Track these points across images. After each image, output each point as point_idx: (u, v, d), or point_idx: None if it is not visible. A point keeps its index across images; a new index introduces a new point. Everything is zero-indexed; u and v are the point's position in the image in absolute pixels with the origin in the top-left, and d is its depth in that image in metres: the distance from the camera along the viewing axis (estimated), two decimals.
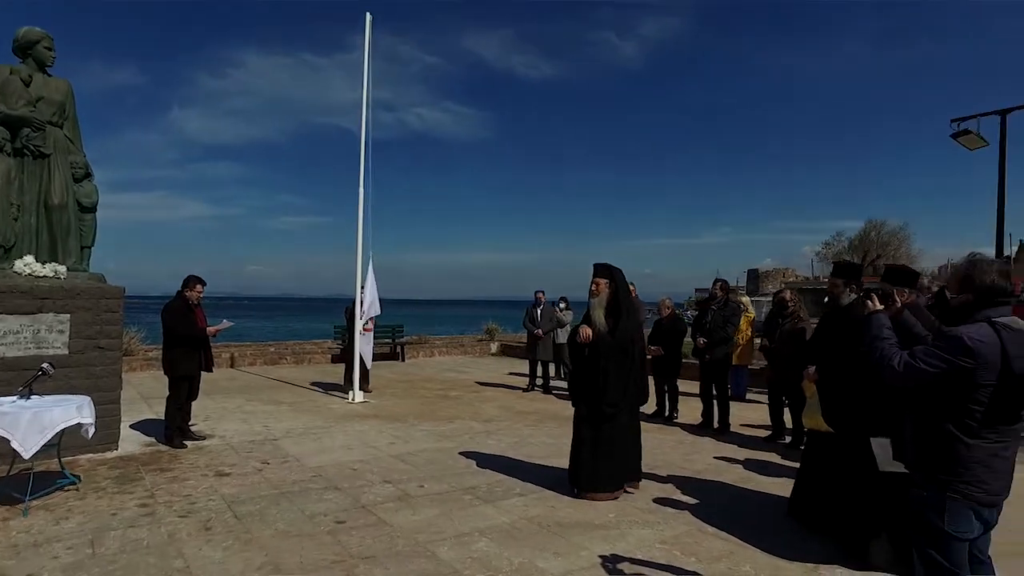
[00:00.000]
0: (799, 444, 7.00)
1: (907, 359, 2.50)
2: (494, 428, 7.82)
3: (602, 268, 5.26)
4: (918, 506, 2.58)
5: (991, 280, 2.49)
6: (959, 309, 2.57)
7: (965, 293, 2.55)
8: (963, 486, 2.45)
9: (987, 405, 2.40)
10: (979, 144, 9.48)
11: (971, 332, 2.41)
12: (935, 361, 2.43)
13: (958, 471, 2.45)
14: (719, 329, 7.95)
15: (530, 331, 11.15)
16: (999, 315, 2.47)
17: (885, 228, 43.71)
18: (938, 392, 2.47)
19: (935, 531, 2.50)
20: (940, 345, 2.45)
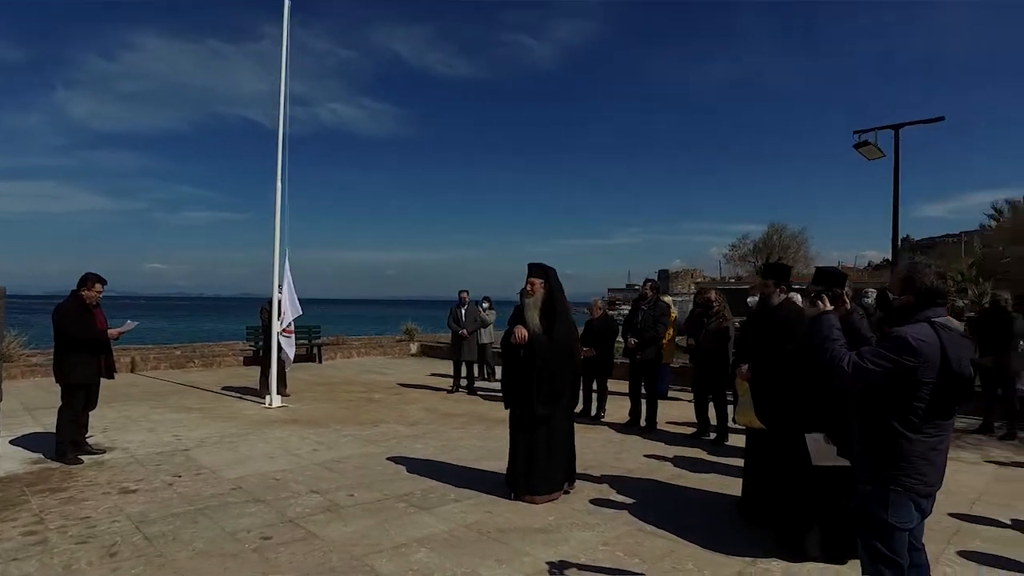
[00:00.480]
0: (723, 441, 7.23)
1: (855, 360, 2.55)
2: (421, 432, 7.60)
3: (537, 268, 5.18)
4: (862, 500, 2.65)
5: (931, 282, 2.60)
6: (901, 310, 2.66)
7: (907, 295, 2.64)
8: (905, 479, 2.53)
9: (928, 402, 2.49)
10: (877, 155, 10.21)
11: (914, 332, 2.50)
12: (882, 361, 2.49)
13: (900, 465, 2.53)
14: (650, 329, 8.08)
15: (454, 331, 10.99)
16: (937, 316, 2.58)
17: (786, 231, 46.37)
18: (883, 390, 2.55)
19: (879, 523, 2.57)
20: (886, 345, 2.52)
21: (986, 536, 4.42)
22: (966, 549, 4.17)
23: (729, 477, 5.73)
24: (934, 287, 2.59)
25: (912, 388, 2.49)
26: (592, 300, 9.72)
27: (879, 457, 2.58)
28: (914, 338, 2.47)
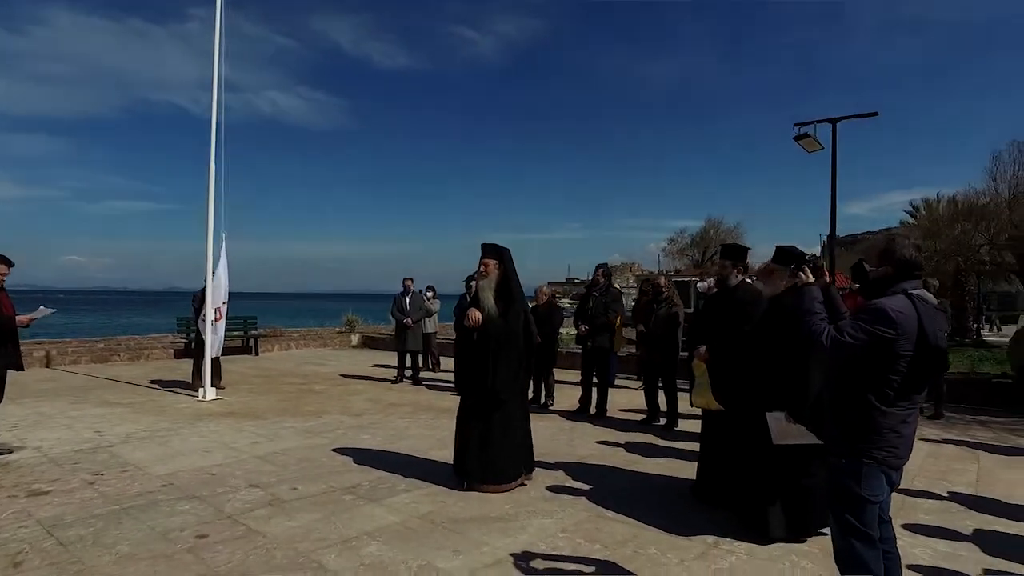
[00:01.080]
0: (674, 426, 7.26)
1: (834, 334, 2.49)
2: (367, 422, 7.31)
3: (491, 248, 4.99)
4: (835, 473, 2.60)
5: (909, 254, 2.56)
6: (878, 281, 2.61)
7: (885, 266, 2.60)
8: (878, 452, 2.49)
9: (904, 375, 2.45)
10: (815, 147, 10.51)
11: (892, 304, 2.45)
12: (860, 334, 2.44)
13: (873, 438, 2.49)
14: (601, 315, 8.01)
15: (398, 320, 10.69)
16: (913, 288, 2.54)
17: (723, 226, 47.66)
18: (860, 363, 2.50)
19: (852, 496, 2.53)
20: (864, 317, 2.46)
21: (928, 508, 4.55)
22: (910, 522, 4.26)
23: (683, 461, 5.73)
24: (912, 259, 2.55)
25: (889, 361, 2.44)
26: (538, 287, 9.61)
27: (853, 430, 2.53)
28: (892, 310, 2.42)
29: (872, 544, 2.53)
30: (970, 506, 4.65)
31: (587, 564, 3.50)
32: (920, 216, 31.17)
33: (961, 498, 4.84)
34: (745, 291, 4.62)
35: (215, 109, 8.68)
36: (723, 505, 4.37)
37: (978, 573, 3.53)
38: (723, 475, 4.46)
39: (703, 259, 45.90)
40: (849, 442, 2.54)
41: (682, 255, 48.70)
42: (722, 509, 4.35)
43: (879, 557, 2.54)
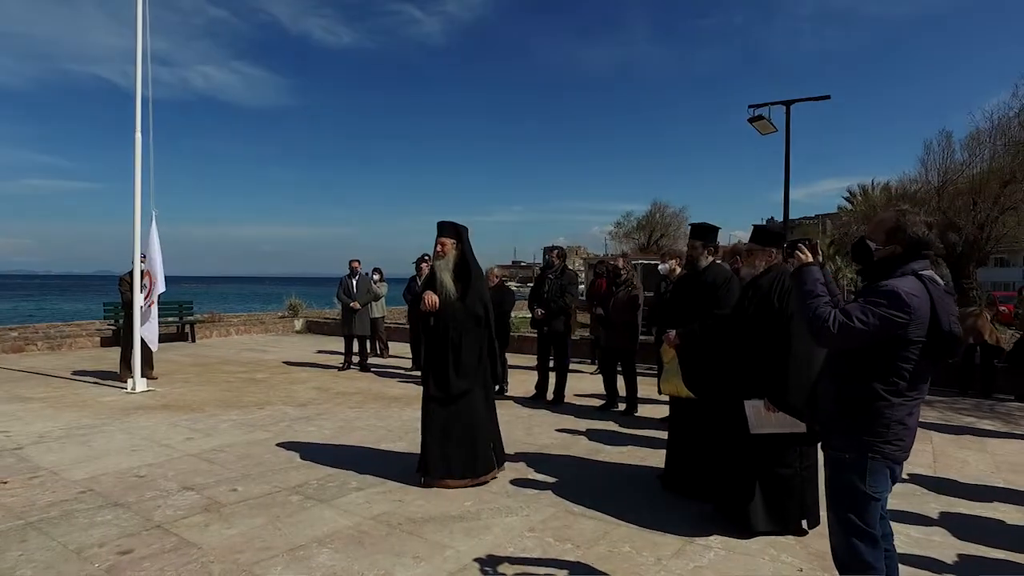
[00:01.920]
0: (633, 411, 7.11)
1: (841, 319, 2.26)
2: (313, 413, 6.87)
3: (448, 227, 4.64)
4: (837, 469, 2.41)
5: (921, 232, 2.36)
6: (885, 262, 2.40)
7: (892, 244, 2.39)
8: (884, 446, 2.31)
9: (915, 363, 2.26)
10: (770, 130, 10.53)
11: (904, 286, 2.25)
12: (871, 319, 2.22)
13: (880, 431, 2.31)
14: (557, 298, 7.77)
15: (345, 304, 10.20)
16: (923, 268, 2.35)
17: (668, 209, 48.31)
18: (867, 350, 2.29)
19: (856, 493, 2.35)
20: (874, 300, 2.25)
21: (894, 492, 4.45)
22: None
23: (647, 449, 5.57)
24: (924, 237, 2.35)
25: (899, 348, 2.25)
26: (487, 269, 9.29)
27: (858, 423, 2.34)
28: (905, 292, 2.22)
29: (875, 543, 2.36)
30: (932, 488, 4.66)
31: (559, 567, 3.25)
32: (857, 201, 32.35)
33: (922, 480, 4.84)
34: (716, 272, 4.44)
35: (139, 82, 7.97)
36: (694, 495, 4.21)
37: (953, 559, 3.47)
38: (693, 464, 4.29)
39: (649, 242, 46.52)
40: (853, 435, 2.35)
41: (628, 238, 49.19)
42: (693, 500, 4.19)
43: (882, 557, 2.37)
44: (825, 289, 2.44)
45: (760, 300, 3.66)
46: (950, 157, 23.23)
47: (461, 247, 4.59)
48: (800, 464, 3.64)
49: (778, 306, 3.57)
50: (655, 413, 7.06)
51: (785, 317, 3.53)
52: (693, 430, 4.30)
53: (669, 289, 6.52)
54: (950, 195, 22.79)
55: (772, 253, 3.76)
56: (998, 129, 22.19)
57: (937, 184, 23.31)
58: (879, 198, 28.44)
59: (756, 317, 3.64)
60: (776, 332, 3.54)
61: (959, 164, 23.01)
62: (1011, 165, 21.77)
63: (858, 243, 2.49)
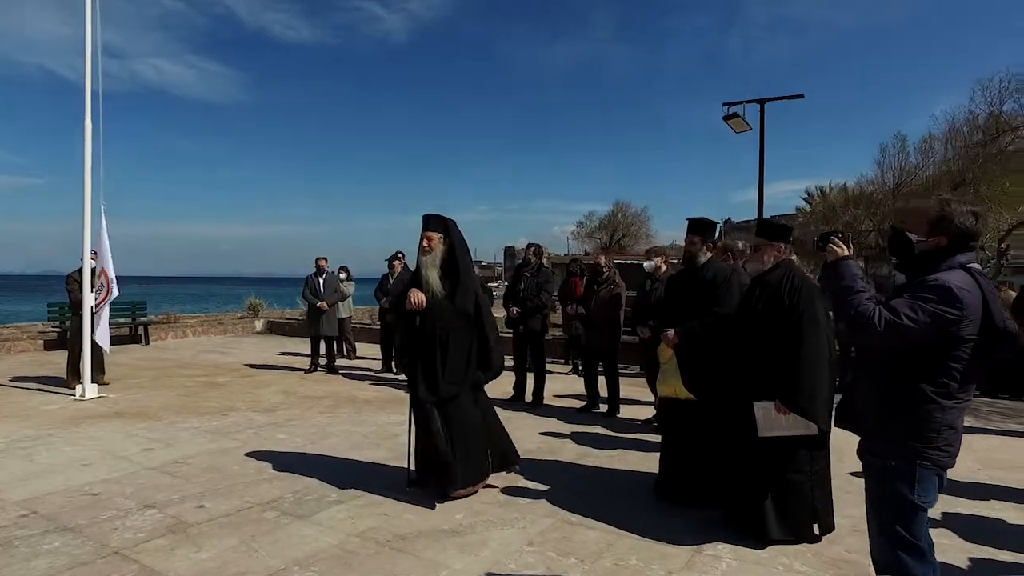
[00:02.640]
0: (615, 412, 6.93)
1: (888, 316, 2.08)
2: (282, 418, 6.48)
3: (434, 220, 4.36)
4: (882, 478, 2.24)
5: (969, 223, 2.19)
6: (928, 255, 2.23)
7: (936, 236, 2.22)
8: (934, 452, 2.14)
9: (966, 362, 2.10)
10: (744, 128, 10.53)
11: (955, 280, 2.08)
12: (921, 316, 2.05)
13: (929, 436, 2.14)
14: (533, 297, 7.53)
15: (311, 303, 9.78)
16: (969, 261, 2.19)
17: (630, 209, 48.75)
18: (916, 349, 2.12)
19: (904, 504, 2.18)
20: (924, 296, 2.08)
21: None
22: None
23: (637, 452, 5.39)
24: (971, 228, 2.19)
25: (950, 346, 2.08)
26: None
27: (905, 428, 2.16)
28: (957, 287, 2.05)
29: (923, 556, 2.19)
30: None
31: None
32: (815, 202, 33.16)
33: None
34: (716, 269, 4.27)
35: (88, 73, 7.42)
36: (691, 503, 4.03)
37: (966, 563, 3.36)
38: (690, 470, 4.11)
39: (611, 242, 46.85)
40: (900, 441, 2.18)
41: (590, 238, 49.43)
42: (692, 507, 4.01)
43: (932, 570, 2.21)
44: (864, 284, 2.26)
45: (769, 297, 3.49)
46: (905, 160, 23.97)
47: (449, 241, 4.31)
48: (810, 468, 3.49)
49: (788, 303, 3.41)
50: (638, 414, 6.90)
51: (796, 315, 3.37)
52: (690, 434, 4.12)
53: (655, 287, 6.39)
54: (905, 196, 23.47)
55: (780, 248, 3.60)
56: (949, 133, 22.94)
57: (892, 186, 24.01)
58: (837, 199, 29.20)
59: (765, 315, 3.47)
60: (787, 331, 3.38)
61: (913, 166, 23.73)
62: (961, 168, 22.50)
63: (896, 235, 2.32)
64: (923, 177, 23.20)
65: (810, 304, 3.38)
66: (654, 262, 6.46)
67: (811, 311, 3.36)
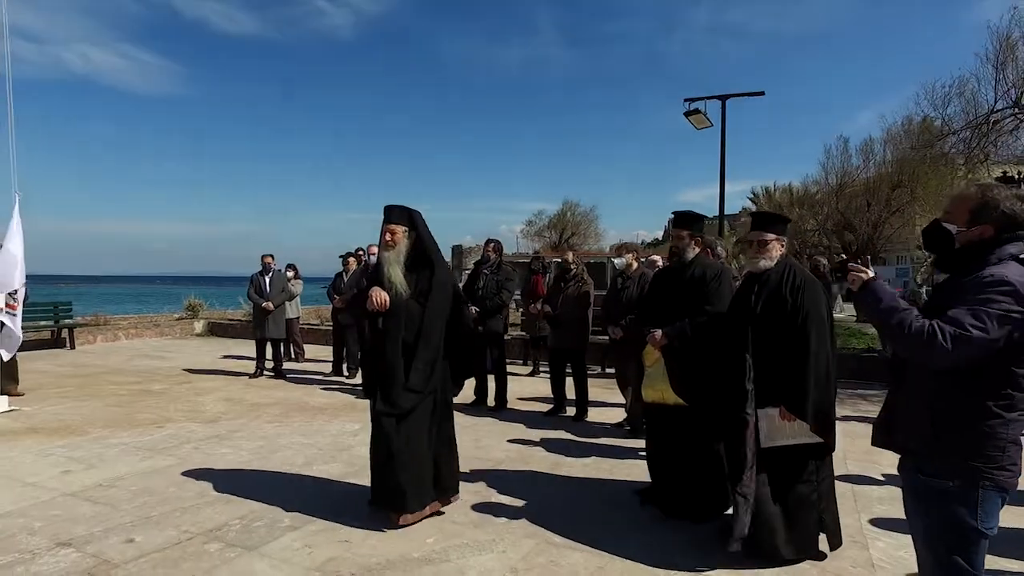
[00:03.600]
0: (583, 416, 6.64)
1: (953, 331, 1.79)
2: (225, 430, 5.91)
3: (398, 211, 3.93)
4: (938, 501, 1.97)
5: (1018, 207, 1.94)
6: (972, 247, 1.98)
7: (979, 225, 1.97)
8: (998, 472, 1.89)
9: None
10: (705, 124, 10.44)
11: (1012, 274, 1.83)
12: (989, 322, 1.77)
13: (993, 455, 1.88)
14: (493, 296, 7.15)
15: (257, 304, 9.16)
16: (1020, 251, 1.94)
17: (579, 208, 48.99)
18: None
19: (964, 530, 1.91)
20: (983, 298, 1.81)
21: (879, 498, 4.27)
22: (875, 516, 3.95)
23: (610, 459, 5.11)
24: (1020, 213, 1.94)
25: (1017, 351, 1.82)
26: None
27: (964, 445, 1.90)
28: (1019, 282, 1.80)
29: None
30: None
31: None
32: (760, 203, 33.96)
33: (894, 479, 4.62)
34: (706, 265, 4.00)
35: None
36: (685, 515, 3.75)
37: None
38: (683, 481, 3.83)
39: (560, 240, 46.98)
40: (958, 460, 1.91)
41: (539, 236, 49.46)
42: (679, 519, 3.74)
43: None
44: (905, 302, 1.99)
45: (770, 296, 3.23)
46: (847, 161, 24.70)
47: (416, 234, 3.90)
48: (817, 478, 3.24)
49: (791, 302, 3.16)
50: (607, 417, 6.63)
51: (800, 315, 3.11)
52: (679, 442, 3.84)
53: (626, 285, 6.12)
54: (847, 197, 24.22)
55: (784, 242, 3.35)
56: (887, 137, 23.78)
57: (836, 186, 24.71)
58: (782, 199, 29.96)
59: (766, 315, 3.21)
60: (790, 332, 3.12)
61: (855, 168, 24.49)
62: (898, 171, 23.34)
63: (932, 227, 2.06)
64: (864, 178, 23.96)
65: (814, 303, 3.13)
66: (625, 259, 6.20)
67: (816, 310, 3.12)
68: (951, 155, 12.59)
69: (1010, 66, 11.94)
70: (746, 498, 3.12)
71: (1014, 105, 11.88)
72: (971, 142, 12.02)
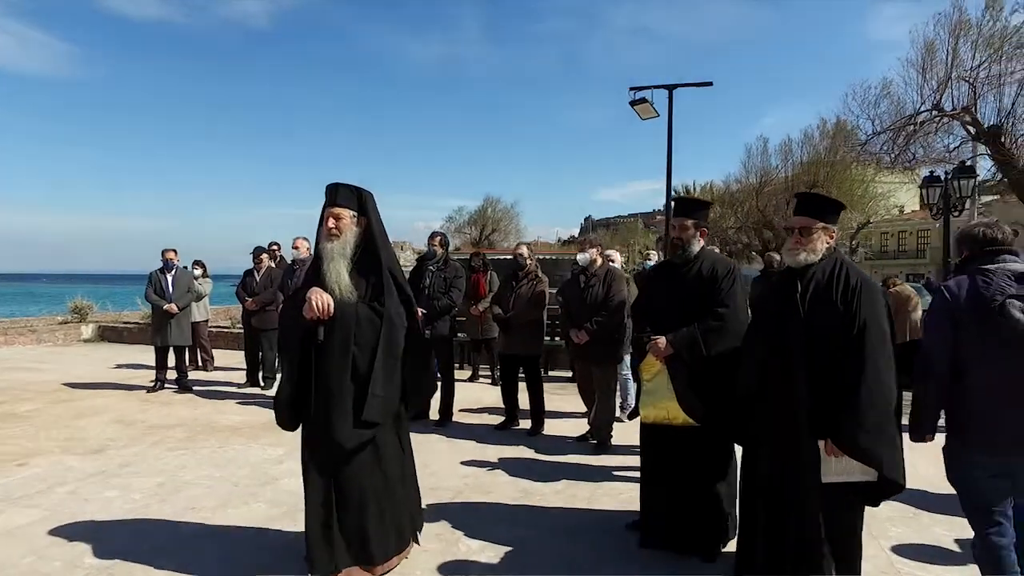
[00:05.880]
0: (539, 429, 5.98)
1: None
2: (113, 464, 4.81)
3: (345, 190, 3.08)
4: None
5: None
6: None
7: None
8: None
9: None
10: (651, 114, 10.04)
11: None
12: None
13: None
14: (441, 296, 6.36)
15: (157, 306, 7.93)
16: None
17: (500, 204, 48.62)
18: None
19: None
20: None
21: (886, 517, 3.84)
22: (897, 544, 3.51)
23: (585, 483, 4.48)
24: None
25: None
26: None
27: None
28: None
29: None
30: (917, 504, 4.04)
31: None
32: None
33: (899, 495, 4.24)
34: (714, 260, 3.40)
35: None
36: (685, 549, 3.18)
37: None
38: (689, 512, 3.24)
39: (481, 237, 46.49)
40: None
41: (460, 233, 48.78)
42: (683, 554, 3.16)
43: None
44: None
45: (815, 301, 2.63)
46: (767, 161, 25.43)
47: (367, 222, 3.08)
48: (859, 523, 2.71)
49: (843, 309, 2.56)
50: (566, 430, 6.00)
51: (856, 326, 2.51)
52: (687, 467, 3.23)
53: (591, 284, 5.49)
54: (767, 195, 24.89)
55: (832, 232, 2.76)
56: (804, 139, 24.67)
57: (756, 185, 25.37)
58: (703, 197, 30.64)
59: (814, 324, 2.60)
60: (841, 347, 2.53)
61: (774, 168, 25.24)
62: (814, 171, 24.23)
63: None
64: (783, 177, 24.71)
65: (873, 311, 2.53)
66: (588, 254, 5.56)
67: (875, 321, 2.52)
68: (878, 155, 12.85)
69: (930, 71, 12.29)
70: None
71: (934, 108, 12.23)
72: (897, 143, 12.29)
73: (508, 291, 6.23)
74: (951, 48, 11.84)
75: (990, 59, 11.61)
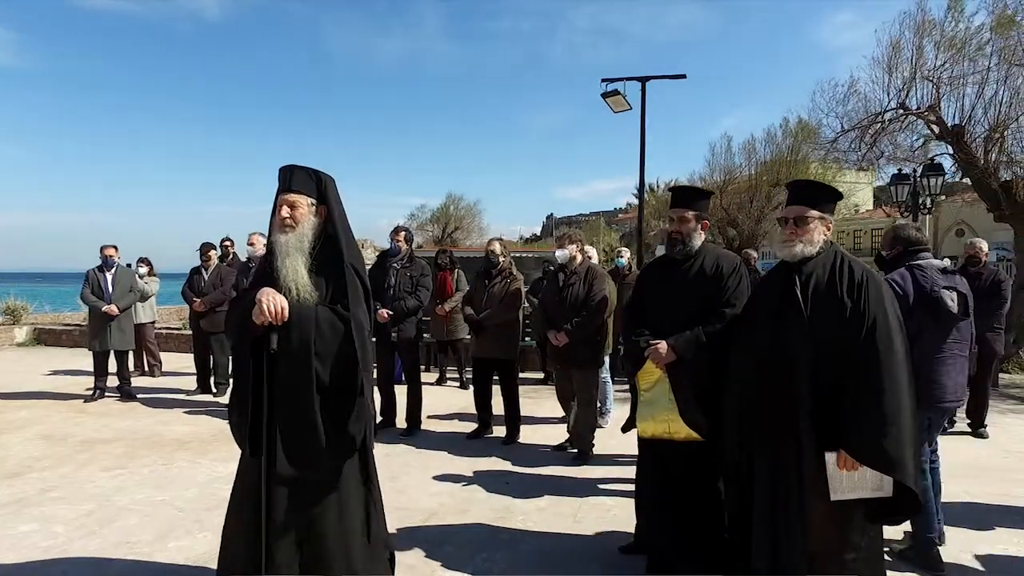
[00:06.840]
0: (515, 437, 5.60)
1: None
2: (34, 489, 4.25)
3: (302, 175, 2.62)
4: None
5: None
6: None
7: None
8: None
9: None
10: (623, 107, 9.76)
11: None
12: None
13: None
14: (407, 295, 5.92)
15: (94, 307, 7.28)
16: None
17: (463, 202, 48.11)
18: None
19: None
20: None
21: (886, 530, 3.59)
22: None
23: (568, 498, 4.14)
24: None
25: None
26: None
27: None
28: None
29: None
30: None
31: None
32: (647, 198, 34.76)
33: None
34: (718, 256, 3.07)
35: None
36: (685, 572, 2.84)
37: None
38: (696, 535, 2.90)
39: (443, 235, 45.96)
40: None
41: (422, 230, 48.14)
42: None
43: None
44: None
45: (817, 297, 2.34)
46: (730, 159, 25.55)
47: (327, 211, 2.64)
48: (863, 541, 2.41)
49: (851, 306, 2.27)
50: (543, 437, 5.64)
51: (865, 323, 2.22)
52: (692, 486, 2.90)
53: (571, 282, 5.14)
54: (731, 193, 24.98)
55: (830, 222, 2.47)
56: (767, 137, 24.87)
57: (720, 183, 25.45)
58: (666, 195, 30.72)
59: (820, 321, 2.30)
60: (851, 347, 2.23)
61: (737, 166, 25.38)
62: (776, 169, 24.44)
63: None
64: (746, 175, 24.86)
65: (881, 307, 2.26)
66: (568, 250, 5.19)
67: (884, 319, 2.24)
68: (846, 153, 12.85)
69: (896, 70, 12.33)
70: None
71: (900, 106, 12.28)
72: (864, 141, 12.31)
73: (480, 290, 5.84)
74: (916, 47, 11.90)
75: (952, 60, 11.70)
